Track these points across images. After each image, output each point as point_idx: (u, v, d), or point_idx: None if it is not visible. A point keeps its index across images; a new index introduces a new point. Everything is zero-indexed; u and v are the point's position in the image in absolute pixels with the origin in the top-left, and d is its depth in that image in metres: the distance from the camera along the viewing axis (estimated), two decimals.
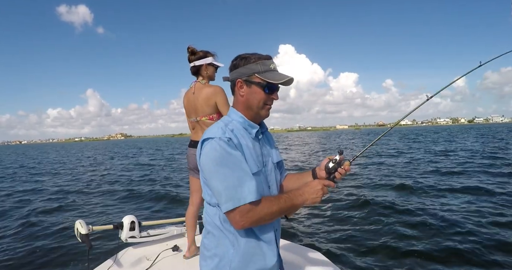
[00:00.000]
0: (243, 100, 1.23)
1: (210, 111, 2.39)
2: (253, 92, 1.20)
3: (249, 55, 1.21)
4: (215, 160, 1.09)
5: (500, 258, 3.69)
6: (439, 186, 7.96)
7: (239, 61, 1.21)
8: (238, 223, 1.09)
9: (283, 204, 1.15)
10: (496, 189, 7.21)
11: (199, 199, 2.64)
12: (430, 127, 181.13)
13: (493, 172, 9.65)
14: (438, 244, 4.20)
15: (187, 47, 2.48)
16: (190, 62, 2.48)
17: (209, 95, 2.37)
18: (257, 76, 1.19)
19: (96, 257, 3.70)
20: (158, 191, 8.99)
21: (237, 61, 1.21)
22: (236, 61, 1.22)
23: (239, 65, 1.20)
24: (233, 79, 1.23)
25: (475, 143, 23.62)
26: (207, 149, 1.11)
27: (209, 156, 1.10)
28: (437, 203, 6.30)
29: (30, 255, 4.40)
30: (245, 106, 1.23)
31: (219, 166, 1.08)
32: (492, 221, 4.95)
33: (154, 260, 2.52)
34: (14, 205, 8.11)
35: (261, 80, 1.19)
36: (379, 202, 6.39)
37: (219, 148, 1.09)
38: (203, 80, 2.47)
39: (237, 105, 1.25)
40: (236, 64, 1.21)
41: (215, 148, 1.09)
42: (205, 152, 1.12)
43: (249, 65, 1.19)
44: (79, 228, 2.50)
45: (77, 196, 8.98)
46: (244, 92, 1.21)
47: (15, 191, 10.43)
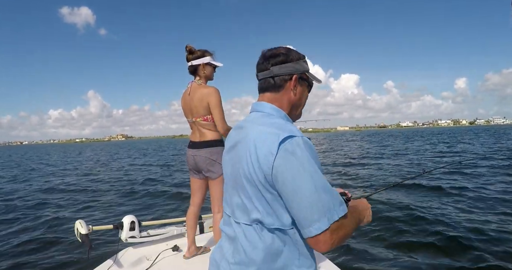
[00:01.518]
0: (295, 99, 1.07)
1: (204, 112, 2.39)
2: (304, 91, 1.10)
3: (296, 51, 1.09)
4: (310, 163, 0.84)
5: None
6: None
7: (294, 54, 1.06)
8: (327, 244, 0.84)
9: (356, 219, 0.98)
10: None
11: (200, 199, 2.65)
12: (432, 129, 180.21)
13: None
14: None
15: (185, 46, 2.47)
16: (188, 61, 2.48)
17: (203, 96, 2.36)
18: (307, 75, 1.09)
19: (96, 257, 3.70)
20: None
21: (290, 54, 1.05)
22: (289, 53, 1.05)
23: (292, 59, 1.05)
24: (286, 73, 1.04)
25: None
26: (303, 151, 0.84)
27: (309, 158, 0.84)
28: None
29: (30, 255, 4.39)
30: (293, 105, 1.08)
31: (314, 171, 0.84)
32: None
33: (154, 260, 2.52)
34: (22, 204, 8.12)
35: (308, 79, 1.10)
36: (384, 203, 6.37)
37: (310, 147, 0.88)
38: (199, 81, 2.45)
39: (281, 103, 1.05)
40: (289, 57, 1.04)
41: (307, 147, 0.86)
42: (301, 155, 0.84)
43: (301, 62, 1.07)
44: (79, 228, 2.50)
45: (86, 195, 8.99)
46: (297, 90, 1.07)
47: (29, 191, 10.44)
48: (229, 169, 1.03)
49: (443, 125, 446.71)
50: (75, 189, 10.32)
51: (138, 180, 11.79)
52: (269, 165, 0.85)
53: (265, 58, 1.06)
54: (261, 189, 0.89)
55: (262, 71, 1.06)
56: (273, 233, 0.91)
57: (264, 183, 0.87)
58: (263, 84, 1.07)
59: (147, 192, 9.08)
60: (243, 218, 0.95)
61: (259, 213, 0.91)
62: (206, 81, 2.49)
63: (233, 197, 1.00)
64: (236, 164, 0.97)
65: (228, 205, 1.05)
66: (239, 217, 0.97)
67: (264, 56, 1.06)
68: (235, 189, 0.98)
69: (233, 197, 1.00)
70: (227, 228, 1.04)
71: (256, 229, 0.92)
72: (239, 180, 0.95)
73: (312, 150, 0.88)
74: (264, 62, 1.05)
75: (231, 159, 1.03)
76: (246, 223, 0.94)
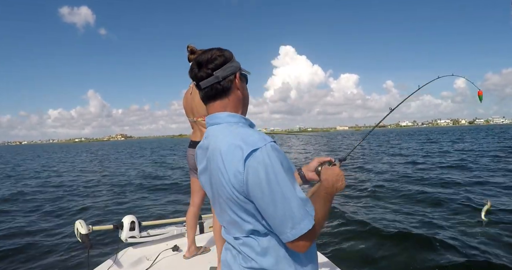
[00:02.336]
0: (243, 96, 1.04)
1: (205, 112, 2.39)
2: (245, 86, 1.06)
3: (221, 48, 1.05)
4: (286, 169, 0.87)
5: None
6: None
7: (227, 53, 1.01)
8: (305, 246, 0.90)
9: (325, 202, 0.99)
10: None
11: (200, 199, 2.64)
12: (432, 128, 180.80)
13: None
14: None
15: (187, 46, 2.48)
16: (189, 61, 2.48)
17: None
18: (243, 70, 1.06)
19: (96, 257, 3.70)
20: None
21: (225, 53, 1.00)
22: (224, 53, 1.00)
23: (229, 58, 1.00)
24: (230, 73, 0.99)
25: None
26: (271, 157, 0.85)
27: (278, 166, 0.85)
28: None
29: (30, 255, 4.39)
30: (243, 103, 1.06)
31: (286, 179, 0.86)
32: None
33: (154, 260, 2.52)
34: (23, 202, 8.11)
35: (243, 72, 1.06)
36: (385, 203, 6.38)
37: (280, 155, 0.88)
38: None
39: (233, 104, 1.02)
40: (226, 57, 1.00)
41: (276, 155, 0.86)
42: (269, 163, 0.84)
43: (234, 58, 1.03)
44: (79, 228, 2.50)
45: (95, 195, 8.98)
46: (242, 87, 1.03)
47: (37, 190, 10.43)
48: (209, 191, 1.03)
49: (442, 125, 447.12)
50: (75, 188, 10.31)
51: (138, 179, 11.78)
52: (241, 183, 0.87)
53: (202, 65, 0.98)
54: (243, 204, 0.90)
55: (204, 78, 0.98)
56: (268, 236, 0.94)
57: (243, 199, 0.89)
58: (210, 93, 0.99)
59: (147, 192, 9.08)
60: (238, 232, 0.98)
61: (250, 224, 0.93)
62: None
63: (223, 215, 1.01)
64: (213, 185, 0.97)
65: (221, 221, 1.06)
66: (235, 232, 0.99)
67: (200, 63, 0.99)
68: (221, 207, 0.99)
69: (223, 215, 1.01)
70: (228, 237, 1.06)
71: (255, 239, 0.95)
72: (221, 200, 0.96)
73: (277, 154, 0.87)
74: (203, 69, 0.98)
75: (206, 180, 1.03)
76: (244, 236, 0.96)
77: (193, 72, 1.00)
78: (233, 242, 1.01)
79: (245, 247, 0.97)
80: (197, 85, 1.01)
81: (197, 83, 1.00)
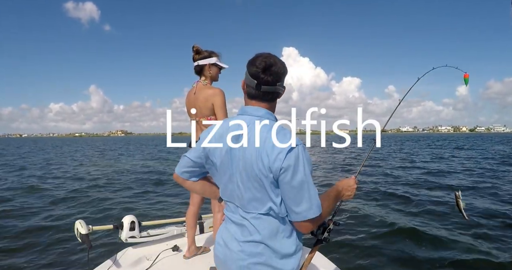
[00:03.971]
0: (276, 105, 1.27)
1: (208, 112, 2.40)
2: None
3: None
4: (310, 167, 1.09)
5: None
6: None
7: (286, 67, 1.21)
8: (308, 228, 1.13)
9: (332, 202, 1.25)
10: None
11: (200, 198, 2.64)
12: (433, 135, 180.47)
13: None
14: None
15: (192, 46, 2.49)
16: (194, 61, 2.49)
17: (208, 97, 2.37)
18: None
19: (96, 257, 3.70)
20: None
21: (286, 68, 1.21)
22: (286, 67, 1.21)
23: (287, 73, 1.22)
24: (283, 88, 1.22)
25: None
26: (304, 155, 1.08)
27: (307, 163, 1.08)
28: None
29: (30, 255, 4.36)
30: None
31: (310, 173, 1.09)
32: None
33: (154, 260, 2.51)
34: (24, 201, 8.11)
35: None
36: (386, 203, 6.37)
37: (308, 155, 1.10)
38: (205, 81, 2.47)
39: (274, 108, 1.25)
40: (287, 72, 1.21)
41: (309, 156, 1.10)
42: (302, 159, 1.07)
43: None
44: (79, 228, 2.49)
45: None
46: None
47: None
48: (240, 163, 1.13)
49: (443, 132, 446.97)
50: (74, 189, 10.30)
51: (137, 179, 11.79)
52: (278, 167, 1.05)
53: (270, 71, 1.15)
54: (270, 183, 1.08)
55: (268, 84, 1.16)
56: (280, 215, 1.12)
57: (272, 179, 1.07)
58: (266, 97, 1.19)
59: (147, 191, 9.09)
60: (255, 209, 1.13)
61: (270, 202, 1.11)
62: (211, 82, 2.51)
63: (246, 191, 1.13)
64: (247, 163, 1.11)
65: (238, 198, 1.17)
66: (251, 208, 1.14)
67: (267, 68, 1.15)
68: (243, 184, 1.13)
69: (246, 191, 1.13)
70: (232, 215, 1.22)
71: (268, 215, 1.12)
72: (249, 176, 1.11)
73: (307, 154, 1.09)
74: (270, 75, 1.16)
75: (241, 152, 1.13)
76: (260, 213, 1.13)
77: (257, 72, 1.14)
78: (242, 216, 1.16)
79: (255, 220, 1.14)
80: (257, 84, 1.16)
81: (258, 84, 1.15)
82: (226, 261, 1.19)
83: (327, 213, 1.18)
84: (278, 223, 1.14)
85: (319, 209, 1.09)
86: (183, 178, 1.29)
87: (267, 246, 1.13)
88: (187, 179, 1.29)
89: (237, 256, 1.15)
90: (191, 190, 1.36)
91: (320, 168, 14.44)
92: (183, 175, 1.28)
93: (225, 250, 1.20)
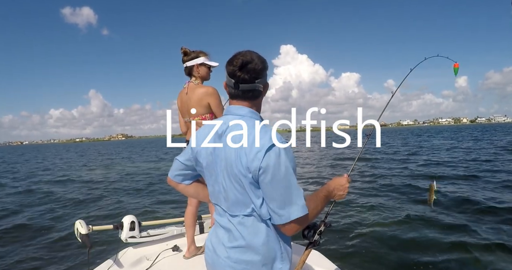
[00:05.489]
0: (261, 103, 1.23)
1: (202, 111, 2.41)
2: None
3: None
4: (294, 167, 1.05)
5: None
6: None
7: (267, 63, 1.16)
8: (293, 230, 1.07)
9: (321, 202, 1.17)
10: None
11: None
12: (433, 127, 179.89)
13: None
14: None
15: (181, 48, 2.50)
16: (183, 63, 2.50)
17: (201, 95, 2.38)
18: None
19: (96, 257, 3.71)
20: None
21: (266, 63, 1.16)
22: (265, 62, 1.16)
23: (267, 68, 1.17)
24: (264, 83, 1.18)
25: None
26: (286, 155, 1.02)
27: (289, 162, 1.02)
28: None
29: (30, 255, 4.40)
30: (260, 106, 1.23)
31: (292, 173, 1.03)
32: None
33: (154, 260, 2.52)
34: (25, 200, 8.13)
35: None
36: (384, 203, 6.38)
37: (290, 154, 1.05)
38: (196, 81, 2.48)
39: (257, 106, 1.20)
40: (267, 67, 1.16)
41: (291, 155, 1.05)
42: (284, 158, 1.01)
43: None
44: (79, 228, 2.50)
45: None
46: (265, 94, 1.22)
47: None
48: (223, 163, 1.11)
49: (444, 124, 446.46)
50: (74, 190, 10.33)
51: (137, 179, 11.80)
52: (256, 167, 1.01)
53: (246, 68, 1.11)
54: (250, 184, 1.04)
55: (246, 82, 1.12)
56: (264, 217, 1.08)
57: (251, 180, 1.03)
58: (246, 95, 1.15)
59: (147, 191, 9.10)
60: (238, 211, 1.10)
61: (252, 204, 1.07)
62: (202, 81, 2.52)
63: (227, 193, 1.11)
64: (227, 164, 1.08)
65: (224, 200, 1.14)
66: (234, 210, 1.11)
67: (243, 65, 1.11)
68: (226, 186, 1.11)
69: (227, 193, 1.11)
70: (220, 218, 1.20)
71: (252, 218, 1.09)
72: (230, 178, 1.08)
73: (289, 153, 1.04)
74: (246, 73, 1.11)
75: (223, 152, 1.10)
76: (244, 214, 1.09)
77: (234, 71, 1.11)
78: (229, 220, 1.14)
79: (240, 225, 1.11)
80: (235, 83, 1.13)
81: (236, 82, 1.12)
82: (215, 267, 1.19)
83: (314, 214, 1.11)
84: (264, 227, 1.10)
85: (303, 210, 1.03)
86: (176, 181, 1.28)
87: (253, 252, 1.10)
88: (180, 182, 1.28)
89: (224, 263, 1.14)
90: (184, 193, 1.35)
91: (314, 165, 14.35)
92: (175, 178, 1.28)
93: (213, 255, 1.19)
